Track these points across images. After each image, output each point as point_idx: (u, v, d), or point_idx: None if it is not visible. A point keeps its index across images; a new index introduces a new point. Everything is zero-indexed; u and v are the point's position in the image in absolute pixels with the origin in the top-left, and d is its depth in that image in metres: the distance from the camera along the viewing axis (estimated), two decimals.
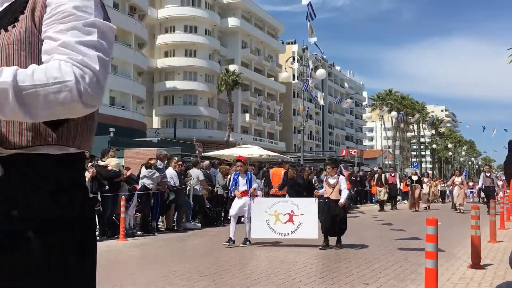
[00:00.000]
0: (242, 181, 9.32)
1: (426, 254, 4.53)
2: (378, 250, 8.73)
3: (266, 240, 9.28)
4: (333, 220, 8.77)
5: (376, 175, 23.05)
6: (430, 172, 40.79)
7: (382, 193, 21.58)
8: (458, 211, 19.68)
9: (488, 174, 18.97)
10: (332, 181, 9.13)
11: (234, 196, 12.66)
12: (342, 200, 8.83)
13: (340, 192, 8.99)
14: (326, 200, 8.95)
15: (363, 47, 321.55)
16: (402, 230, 12.41)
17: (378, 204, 22.22)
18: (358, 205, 23.21)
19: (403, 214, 19.14)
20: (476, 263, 6.93)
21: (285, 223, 9.04)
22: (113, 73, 46.01)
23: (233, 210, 9.34)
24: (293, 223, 9.03)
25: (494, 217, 10.01)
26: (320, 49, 28.42)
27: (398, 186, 23.86)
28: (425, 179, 24.68)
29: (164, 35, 57.89)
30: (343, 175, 17.51)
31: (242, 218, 9.70)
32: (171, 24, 57.83)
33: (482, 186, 19.21)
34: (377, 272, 6.57)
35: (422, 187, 22.38)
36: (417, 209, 21.32)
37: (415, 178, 22.03)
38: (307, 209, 9.01)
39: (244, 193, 9.26)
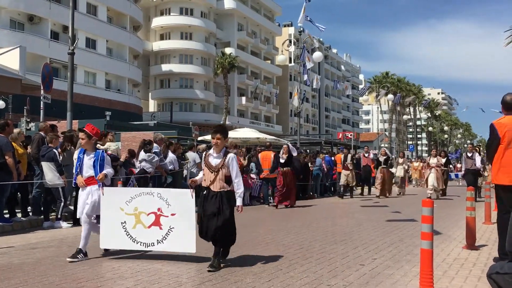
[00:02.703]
0: (87, 162, 6.31)
1: (421, 235, 4.57)
2: (374, 231, 8.80)
3: (124, 252, 6.38)
4: (209, 222, 5.70)
5: (342, 156, 18.71)
6: (423, 153, 40.23)
7: (348, 177, 17.81)
8: (428, 195, 16.36)
9: (469, 155, 15.71)
10: (215, 161, 5.82)
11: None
12: (239, 202, 5.80)
13: (227, 180, 5.78)
14: (205, 191, 5.84)
15: (360, 30, 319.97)
16: (398, 212, 12.50)
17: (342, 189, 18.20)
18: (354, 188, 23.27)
19: (392, 198, 19.20)
20: (471, 244, 7.01)
21: (149, 227, 6.08)
22: (108, 56, 45.73)
23: (79, 209, 6.35)
24: (161, 228, 6.05)
25: (489, 199, 10.08)
26: (318, 27, 28.06)
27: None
28: (400, 160, 21.29)
29: (160, 18, 57.39)
30: (279, 155, 14.65)
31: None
32: (167, 6, 57.31)
33: (464, 169, 16.02)
34: (373, 253, 6.63)
35: (391, 169, 19.67)
36: (385, 195, 18.16)
37: (382, 159, 18.50)
38: (181, 207, 6.00)
39: (90, 181, 6.30)
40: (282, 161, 14.25)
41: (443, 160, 17.78)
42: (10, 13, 37.17)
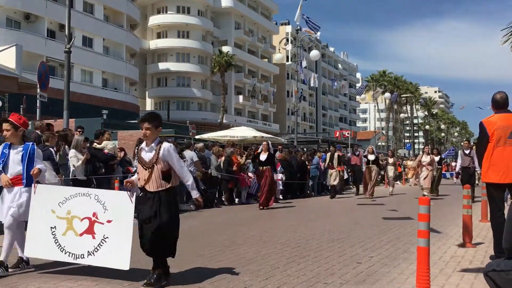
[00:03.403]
0: (15, 157, 5.34)
1: (418, 233, 4.57)
2: (371, 229, 8.81)
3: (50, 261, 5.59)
4: (146, 229, 4.88)
5: (328, 155, 18.06)
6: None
7: (333, 177, 17.30)
8: (425, 194, 15.52)
9: (467, 152, 14.81)
10: (148, 156, 4.95)
11: (230, 179, 11.99)
12: (194, 194, 5.10)
13: (165, 177, 4.87)
14: (141, 193, 5.01)
15: (357, 29, 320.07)
16: (395, 210, 12.52)
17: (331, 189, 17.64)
18: (351, 186, 23.32)
19: (394, 196, 19.24)
20: (468, 242, 7.03)
21: (80, 235, 5.14)
22: (105, 54, 45.62)
23: (2, 214, 5.32)
24: (94, 237, 5.10)
25: (486, 197, 10.10)
26: (315, 26, 27.95)
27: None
28: (390, 159, 20.59)
29: (157, 16, 57.27)
30: (272, 153, 13.38)
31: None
32: (163, 5, 57.19)
33: (459, 166, 14.92)
34: (370, 251, 6.64)
35: (381, 168, 19.22)
36: (370, 196, 16.96)
37: (371, 157, 17.47)
38: (118, 213, 5.08)
39: (18, 180, 5.31)
40: (262, 159, 13.18)
41: (437, 158, 17.18)
42: (6, 11, 37.03)
